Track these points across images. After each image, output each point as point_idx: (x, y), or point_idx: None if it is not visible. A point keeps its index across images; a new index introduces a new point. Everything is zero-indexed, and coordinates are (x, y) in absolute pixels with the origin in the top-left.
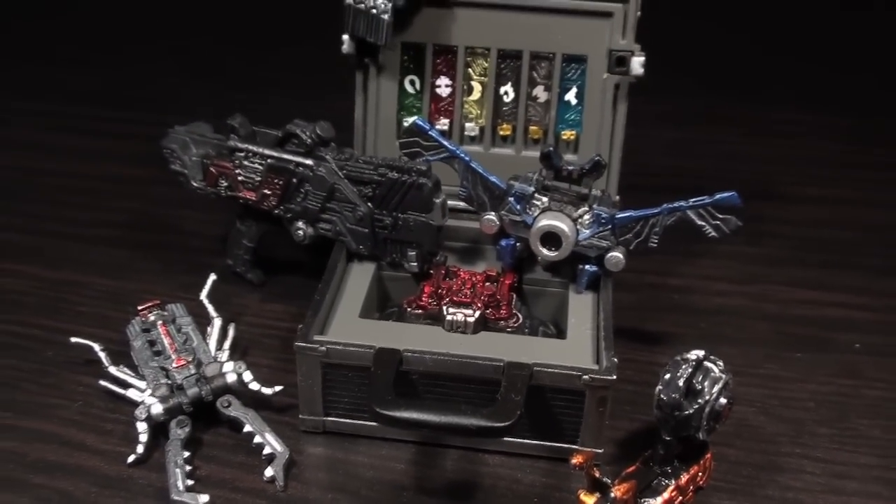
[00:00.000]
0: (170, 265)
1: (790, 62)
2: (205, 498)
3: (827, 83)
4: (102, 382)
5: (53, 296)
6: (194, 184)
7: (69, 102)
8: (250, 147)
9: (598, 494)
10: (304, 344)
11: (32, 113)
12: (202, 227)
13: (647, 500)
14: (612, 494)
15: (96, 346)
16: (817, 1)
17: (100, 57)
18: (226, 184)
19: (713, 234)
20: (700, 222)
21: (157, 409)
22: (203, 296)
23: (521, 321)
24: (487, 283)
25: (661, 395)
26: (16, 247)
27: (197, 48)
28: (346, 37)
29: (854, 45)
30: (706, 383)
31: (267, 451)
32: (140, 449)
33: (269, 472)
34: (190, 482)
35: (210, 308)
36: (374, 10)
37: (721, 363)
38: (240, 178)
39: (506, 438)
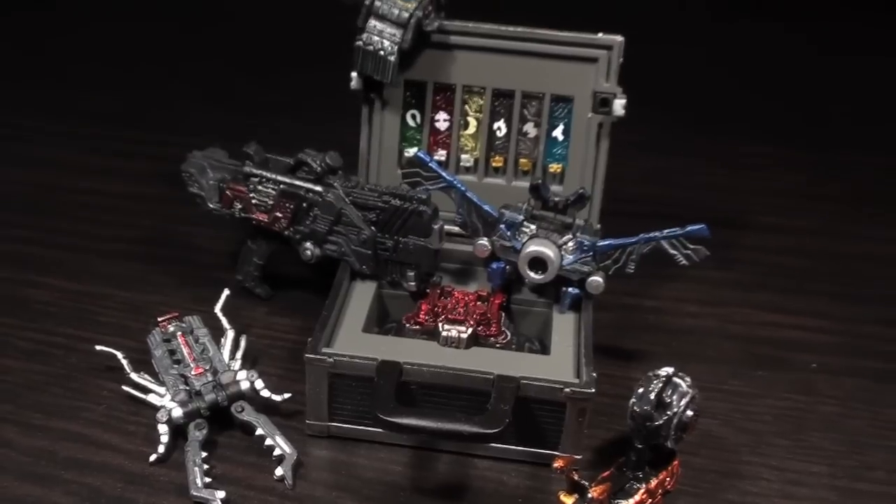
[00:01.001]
0: (182, 279)
1: (762, 99)
2: (221, 494)
3: (795, 120)
4: (125, 388)
5: (75, 306)
6: (210, 205)
7: (86, 122)
8: (264, 173)
9: (576, 495)
10: (313, 355)
11: (52, 132)
12: (212, 243)
13: (619, 501)
14: (590, 495)
15: (119, 354)
16: (787, 45)
17: (116, 79)
18: (240, 206)
19: (684, 262)
20: (672, 251)
21: (178, 412)
22: (217, 309)
23: (509, 338)
24: (479, 303)
25: (634, 407)
26: (39, 259)
27: (209, 72)
28: (354, 74)
29: (821, 85)
30: (675, 397)
31: (277, 452)
32: (161, 449)
33: (278, 471)
34: (207, 480)
35: (224, 321)
36: (382, 52)
37: (689, 379)
38: (253, 201)
39: (494, 444)
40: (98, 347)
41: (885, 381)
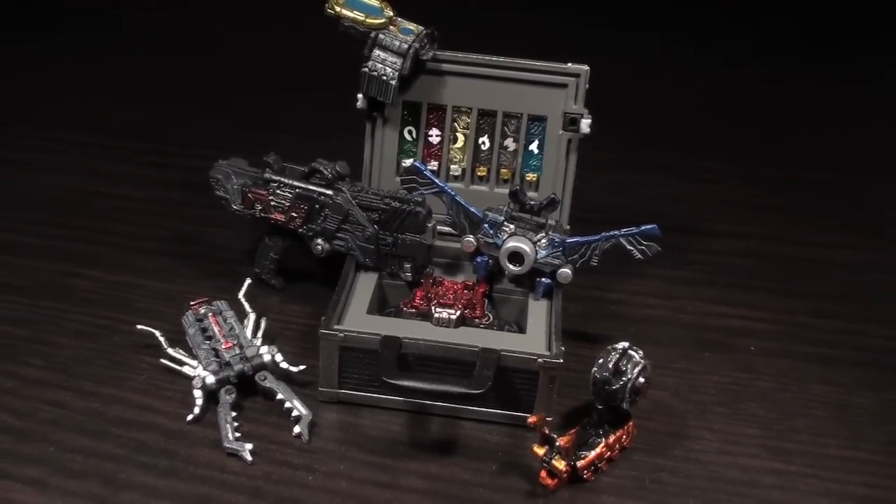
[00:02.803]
0: (206, 272)
1: (715, 119)
2: (249, 446)
3: (746, 140)
4: (163, 360)
5: (114, 294)
6: (234, 207)
7: (114, 136)
8: (282, 179)
9: (546, 447)
10: (326, 331)
11: (86, 144)
12: (230, 242)
13: (583, 452)
14: (557, 444)
15: (157, 332)
16: (740, 71)
17: (137, 98)
18: (260, 207)
19: (639, 256)
20: (629, 247)
21: (210, 379)
22: (241, 295)
23: (491, 320)
24: (466, 291)
25: (595, 374)
26: (81, 254)
27: (221, 90)
28: (360, 96)
29: (769, 110)
30: (629, 366)
31: (294, 413)
32: (197, 410)
33: (296, 429)
34: (237, 435)
35: (246, 305)
36: (385, 77)
37: (641, 352)
38: (272, 203)
39: (477, 407)
40: (139, 326)
41: (813, 361)
